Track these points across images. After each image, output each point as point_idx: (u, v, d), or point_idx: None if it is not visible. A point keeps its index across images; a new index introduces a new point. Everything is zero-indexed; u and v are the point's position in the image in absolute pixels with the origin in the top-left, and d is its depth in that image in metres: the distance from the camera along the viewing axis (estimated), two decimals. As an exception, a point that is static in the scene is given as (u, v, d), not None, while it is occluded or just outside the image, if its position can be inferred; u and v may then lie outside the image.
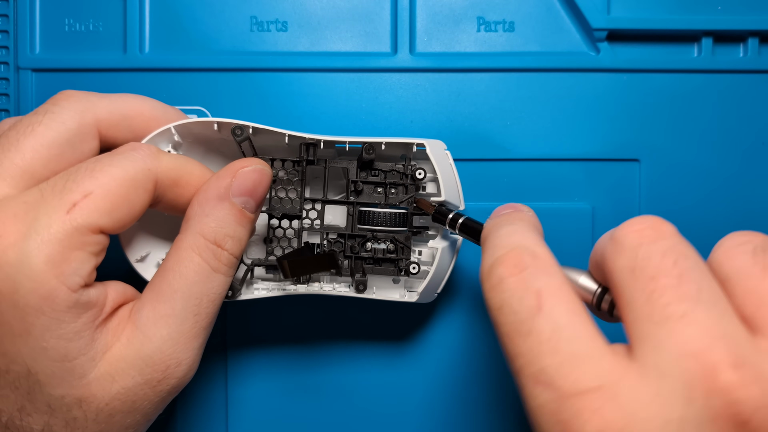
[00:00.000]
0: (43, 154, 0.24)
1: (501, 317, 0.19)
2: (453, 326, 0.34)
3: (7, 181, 0.23)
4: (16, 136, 0.24)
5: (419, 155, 0.29)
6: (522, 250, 0.20)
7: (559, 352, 0.18)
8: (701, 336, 0.17)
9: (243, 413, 0.33)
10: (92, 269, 0.23)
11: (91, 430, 0.23)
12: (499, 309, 0.20)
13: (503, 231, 0.22)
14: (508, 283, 0.20)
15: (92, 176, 0.23)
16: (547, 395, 0.18)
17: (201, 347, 0.25)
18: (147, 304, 0.24)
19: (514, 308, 0.19)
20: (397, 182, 0.29)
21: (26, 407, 0.22)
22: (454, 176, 0.29)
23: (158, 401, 0.24)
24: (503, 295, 0.20)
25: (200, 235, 0.24)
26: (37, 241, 0.21)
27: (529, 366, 0.18)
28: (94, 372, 0.23)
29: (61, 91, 0.26)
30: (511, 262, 0.20)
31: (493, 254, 0.21)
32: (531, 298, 0.19)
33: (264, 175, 0.26)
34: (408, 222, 0.29)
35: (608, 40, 0.33)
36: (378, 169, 0.29)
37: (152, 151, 0.24)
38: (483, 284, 0.21)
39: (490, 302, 0.20)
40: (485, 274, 0.21)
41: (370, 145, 0.28)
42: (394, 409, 0.33)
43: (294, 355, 0.34)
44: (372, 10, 0.33)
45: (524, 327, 0.19)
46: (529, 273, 0.20)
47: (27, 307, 0.21)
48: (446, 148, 0.29)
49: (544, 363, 0.18)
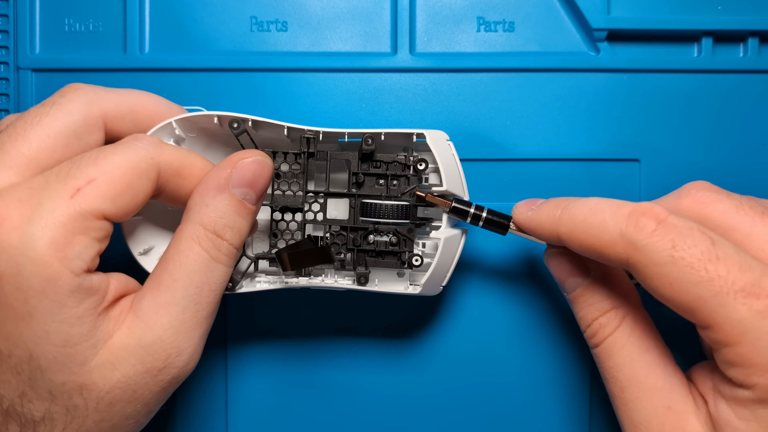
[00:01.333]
0: (50, 144, 0.25)
1: (679, 253, 0.22)
2: (461, 322, 0.34)
3: (14, 169, 0.24)
4: (24, 126, 0.25)
5: (422, 147, 0.29)
6: (647, 203, 0.23)
7: (752, 268, 0.21)
8: None
9: (243, 407, 0.33)
10: (95, 255, 0.23)
11: (92, 418, 0.23)
12: (673, 248, 0.22)
13: (592, 201, 0.25)
14: (667, 227, 0.22)
15: (96, 164, 0.23)
16: (763, 301, 0.21)
17: (202, 337, 0.25)
18: (148, 293, 0.24)
19: (692, 242, 0.22)
20: (398, 173, 0.29)
21: (27, 393, 0.23)
22: (457, 166, 0.29)
23: (159, 391, 0.24)
24: (671, 236, 0.22)
25: (200, 225, 0.25)
26: (40, 224, 0.22)
27: (733, 284, 0.21)
28: (96, 359, 0.23)
29: (69, 84, 0.27)
30: (650, 212, 0.23)
31: (616, 213, 0.23)
32: (699, 233, 0.22)
33: (264, 167, 0.26)
34: (411, 214, 0.29)
35: (608, 40, 0.33)
36: (379, 161, 0.29)
37: (155, 142, 0.25)
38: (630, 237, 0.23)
39: (656, 246, 0.22)
40: (628, 227, 0.23)
41: (369, 136, 0.28)
42: (396, 408, 0.33)
43: (295, 351, 0.34)
44: (372, 10, 0.34)
45: (712, 255, 0.21)
46: (675, 218, 0.22)
47: (30, 289, 0.22)
48: (448, 139, 0.29)
49: (746, 279, 0.21)
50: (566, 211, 0.25)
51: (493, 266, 0.33)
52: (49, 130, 0.25)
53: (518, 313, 0.33)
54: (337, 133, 0.29)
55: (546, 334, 0.33)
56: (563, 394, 0.33)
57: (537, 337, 0.33)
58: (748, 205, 0.24)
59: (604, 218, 0.23)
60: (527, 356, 0.33)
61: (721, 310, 0.21)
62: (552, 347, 0.33)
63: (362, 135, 0.28)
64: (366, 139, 0.28)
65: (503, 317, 0.33)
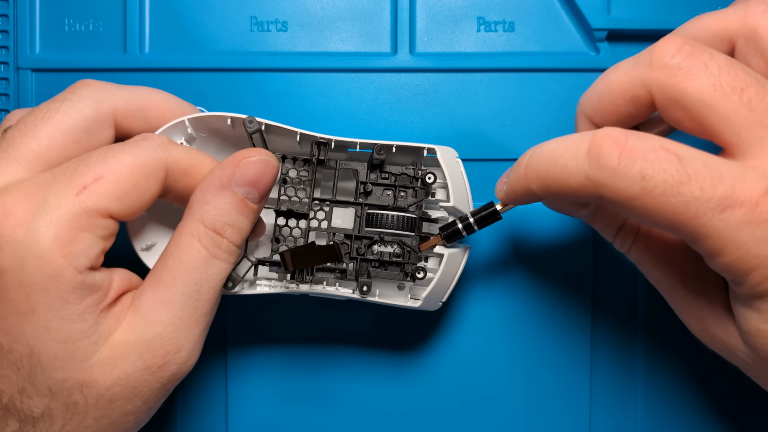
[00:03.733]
0: (60, 141, 0.25)
1: (649, 182, 0.21)
2: (462, 334, 0.34)
3: (23, 165, 0.24)
4: (34, 122, 0.25)
5: (430, 161, 0.30)
6: (602, 131, 0.22)
7: (724, 178, 0.20)
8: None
9: (242, 413, 0.34)
10: (99, 253, 0.23)
11: (92, 415, 0.23)
12: (642, 178, 0.21)
13: (548, 146, 0.24)
14: (630, 155, 0.21)
15: (104, 162, 0.23)
16: (738, 212, 0.20)
17: (202, 334, 0.26)
18: (148, 289, 0.24)
19: (660, 167, 0.21)
20: (406, 185, 0.29)
21: (27, 389, 0.23)
22: (465, 184, 0.30)
23: (159, 388, 0.25)
24: (636, 166, 0.21)
25: (200, 222, 0.25)
26: (45, 220, 0.22)
27: (709, 201, 0.20)
28: (96, 356, 0.23)
29: (80, 80, 0.27)
30: (607, 142, 0.21)
31: (575, 154, 0.22)
32: (664, 153, 0.21)
33: (268, 166, 0.26)
34: (416, 227, 0.29)
35: (608, 40, 0.33)
36: (388, 172, 0.29)
37: (164, 141, 0.25)
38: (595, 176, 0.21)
39: (624, 180, 0.21)
40: (591, 167, 0.22)
41: (381, 147, 0.28)
42: (395, 418, 0.34)
43: (294, 358, 0.34)
44: (372, 10, 0.34)
45: (683, 176, 0.20)
46: (634, 139, 0.21)
47: (33, 284, 0.22)
48: (458, 156, 0.30)
49: (720, 192, 0.20)
50: (529, 168, 0.24)
51: (493, 279, 0.34)
52: (59, 126, 0.25)
53: (519, 326, 0.34)
54: (349, 142, 0.29)
55: (547, 347, 0.33)
56: (564, 408, 0.33)
57: (538, 350, 0.33)
58: (725, 82, 0.22)
59: (565, 164, 0.22)
60: (528, 369, 0.34)
61: (701, 228, 0.21)
62: (553, 361, 0.33)
63: (374, 146, 0.28)
64: (378, 149, 0.28)
65: (504, 330, 0.34)
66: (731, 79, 0.22)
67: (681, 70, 0.22)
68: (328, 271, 0.29)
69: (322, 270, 0.29)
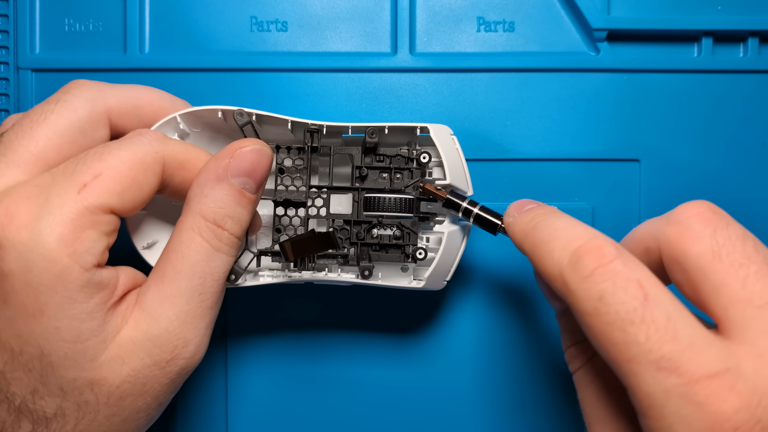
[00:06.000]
0: (56, 142, 0.25)
1: (604, 307, 0.20)
2: (466, 317, 0.34)
3: (22, 168, 0.24)
4: (30, 124, 0.25)
5: (426, 142, 0.30)
6: (602, 240, 0.21)
7: (679, 339, 0.19)
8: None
9: (243, 402, 0.34)
10: (104, 249, 0.24)
11: (103, 413, 0.24)
12: (599, 299, 0.20)
13: (560, 223, 0.23)
14: (604, 274, 0.20)
15: (102, 159, 0.24)
16: (674, 380, 0.19)
17: (208, 327, 0.26)
18: (152, 286, 0.25)
19: (620, 297, 0.20)
20: (402, 167, 0.29)
21: (39, 390, 0.23)
22: (461, 161, 0.29)
23: (168, 383, 0.25)
24: (602, 286, 0.20)
25: (200, 216, 0.25)
26: (49, 220, 0.22)
27: (648, 354, 0.19)
28: (105, 354, 0.23)
29: (73, 80, 0.27)
30: (596, 252, 0.21)
31: (566, 246, 0.22)
32: (635, 287, 0.20)
33: (263, 155, 0.26)
34: (414, 207, 0.29)
35: (608, 40, 0.33)
36: (383, 155, 0.29)
37: (159, 136, 0.25)
38: (566, 277, 0.21)
39: (584, 293, 0.20)
40: (567, 265, 0.21)
41: (373, 129, 0.28)
42: (398, 403, 0.34)
43: (296, 346, 0.34)
44: (372, 10, 0.34)
45: (636, 316, 0.19)
46: (620, 263, 0.20)
47: (40, 286, 0.22)
48: (452, 133, 0.29)
49: (664, 350, 0.19)
50: (534, 231, 0.24)
51: (496, 262, 0.34)
52: (55, 127, 0.25)
53: (522, 309, 0.34)
54: (341, 127, 0.29)
55: (550, 330, 0.34)
56: (568, 389, 0.33)
57: (541, 333, 0.34)
58: (726, 252, 0.21)
59: (554, 249, 0.22)
60: (531, 351, 0.34)
61: (632, 377, 0.19)
62: (556, 343, 0.34)
63: (365, 129, 0.28)
64: (370, 132, 0.28)
65: (507, 313, 0.34)
66: (734, 251, 0.21)
67: (689, 230, 0.21)
68: (329, 257, 0.29)
69: (324, 257, 0.29)
